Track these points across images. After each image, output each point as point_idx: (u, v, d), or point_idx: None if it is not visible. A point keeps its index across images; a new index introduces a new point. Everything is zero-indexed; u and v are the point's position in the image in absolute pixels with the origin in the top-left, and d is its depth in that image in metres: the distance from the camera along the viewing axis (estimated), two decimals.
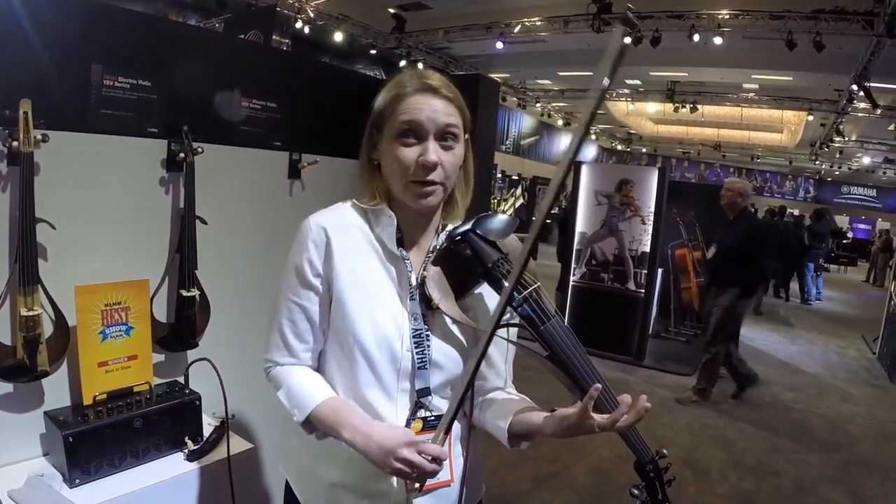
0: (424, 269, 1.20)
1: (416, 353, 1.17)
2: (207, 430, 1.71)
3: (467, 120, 1.21)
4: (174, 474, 1.57)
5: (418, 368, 1.17)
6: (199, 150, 1.75)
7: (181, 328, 1.80)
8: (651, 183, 6.24)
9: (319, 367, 1.27)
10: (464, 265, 1.17)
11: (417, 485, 1.11)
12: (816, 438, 4.74)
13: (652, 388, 5.43)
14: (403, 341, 1.17)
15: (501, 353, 1.29)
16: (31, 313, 1.42)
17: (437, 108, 1.13)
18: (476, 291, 1.21)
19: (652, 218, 6.19)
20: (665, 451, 1.24)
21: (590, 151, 26.19)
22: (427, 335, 1.18)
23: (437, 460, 1.05)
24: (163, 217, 1.79)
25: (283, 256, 2.11)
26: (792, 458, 4.31)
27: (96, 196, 1.62)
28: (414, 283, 1.20)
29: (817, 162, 22.50)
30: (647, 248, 6.22)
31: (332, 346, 1.23)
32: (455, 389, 1.19)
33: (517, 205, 18.82)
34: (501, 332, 1.11)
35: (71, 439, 1.43)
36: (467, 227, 1.18)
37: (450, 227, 1.26)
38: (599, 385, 1.02)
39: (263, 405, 2.03)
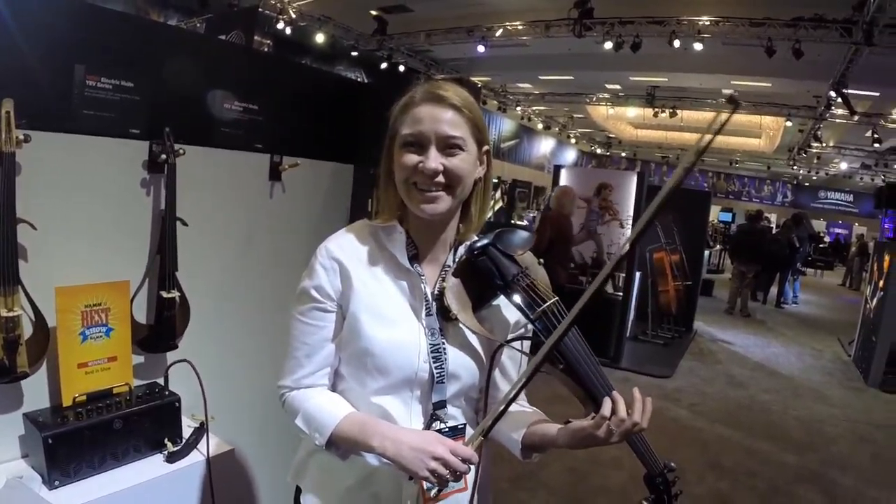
0: (443, 281, 1.20)
1: (435, 368, 1.16)
2: (187, 432, 1.71)
3: (482, 132, 1.20)
4: (154, 476, 1.56)
5: (437, 382, 1.17)
6: (181, 151, 1.75)
7: (161, 330, 1.80)
8: (630, 187, 6.29)
9: (334, 387, 1.26)
10: (483, 278, 1.18)
11: (434, 490, 1.12)
12: (792, 439, 4.82)
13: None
14: (420, 356, 1.16)
15: (515, 365, 1.29)
16: (11, 314, 1.41)
17: (440, 118, 1.13)
18: (493, 304, 1.22)
19: (630, 222, 6.23)
20: (673, 464, 1.28)
21: (569, 155, 26.32)
22: (444, 349, 1.18)
23: (468, 462, 1.05)
24: (143, 218, 1.78)
25: (263, 258, 2.15)
26: (768, 458, 4.38)
27: (77, 197, 1.62)
28: (429, 297, 1.20)
29: (795, 167, 22.74)
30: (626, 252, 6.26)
31: (347, 364, 1.22)
32: (485, 403, 1.21)
33: (496, 208, 18.80)
34: (516, 343, 1.18)
35: (50, 441, 1.42)
36: (487, 240, 1.19)
37: (468, 241, 1.25)
38: (614, 397, 1.09)
39: (243, 407, 2.04)
